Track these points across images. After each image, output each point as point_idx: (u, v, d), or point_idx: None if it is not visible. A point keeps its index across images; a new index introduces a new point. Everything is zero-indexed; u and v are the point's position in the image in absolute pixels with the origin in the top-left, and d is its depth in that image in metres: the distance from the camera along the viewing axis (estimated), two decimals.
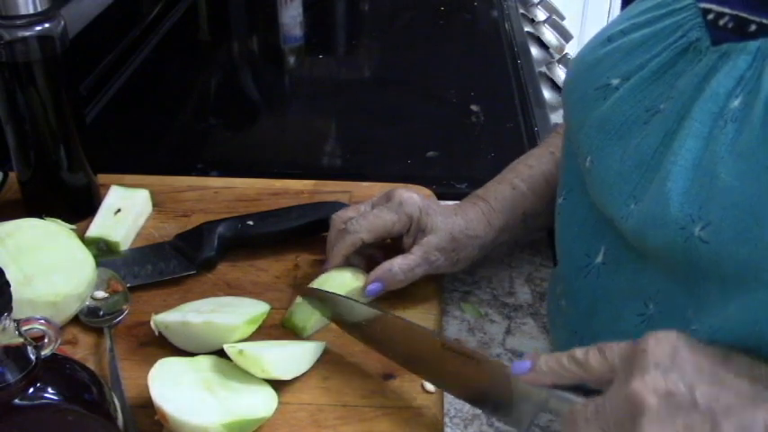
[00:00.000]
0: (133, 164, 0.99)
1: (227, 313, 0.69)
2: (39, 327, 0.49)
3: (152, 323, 0.69)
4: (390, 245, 0.77)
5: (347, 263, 0.76)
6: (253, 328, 0.69)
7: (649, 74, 0.55)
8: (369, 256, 0.77)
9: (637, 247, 0.54)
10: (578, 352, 0.50)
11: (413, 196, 0.75)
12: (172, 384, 0.62)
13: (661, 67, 0.55)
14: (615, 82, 0.57)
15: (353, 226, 0.74)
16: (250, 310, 0.70)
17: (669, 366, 0.45)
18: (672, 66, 0.54)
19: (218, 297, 0.75)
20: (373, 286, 0.73)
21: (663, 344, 0.46)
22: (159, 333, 0.69)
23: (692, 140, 0.50)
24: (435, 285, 0.77)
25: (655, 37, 0.56)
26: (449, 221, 0.74)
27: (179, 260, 0.79)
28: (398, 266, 0.73)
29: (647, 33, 0.56)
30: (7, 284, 0.45)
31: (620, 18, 0.61)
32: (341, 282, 0.73)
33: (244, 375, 0.64)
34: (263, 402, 0.63)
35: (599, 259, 0.60)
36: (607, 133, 0.57)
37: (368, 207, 0.77)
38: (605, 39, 0.60)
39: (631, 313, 0.56)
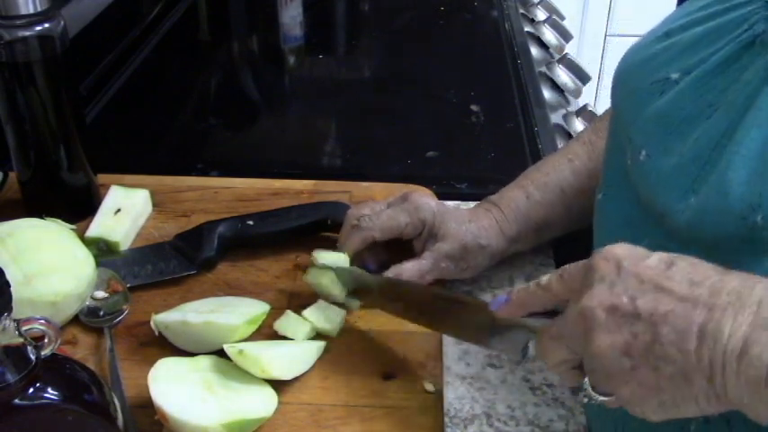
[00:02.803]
0: (133, 164, 0.99)
1: (227, 313, 0.69)
2: (39, 327, 0.49)
3: (152, 323, 0.69)
4: (401, 248, 0.77)
5: (359, 260, 0.76)
6: (253, 328, 0.69)
7: (712, 67, 0.54)
8: (380, 257, 0.77)
9: (688, 242, 0.53)
10: (543, 278, 0.54)
11: (429, 202, 0.76)
12: (172, 384, 0.62)
13: (725, 61, 0.54)
14: (675, 76, 0.56)
15: (367, 223, 0.75)
16: (250, 310, 0.70)
17: (614, 280, 0.48)
18: (737, 59, 0.53)
19: (218, 297, 0.75)
20: None
21: (608, 259, 0.49)
22: (159, 333, 0.69)
23: (757, 130, 0.49)
24: (436, 285, 0.77)
25: (717, 31, 0.55)
26: (462, 229, 0.75)
27: (179, 260, 0.79)
28: (409, 271, 0.74)
29: (709, 27, 0.56)
30: (7, 284, 0.45)
31: (678, 14, 0.60)
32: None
33: (244, 375, 0.64)
34: (262, 402, 0.63)
35: None
36: (666, 127, 0.56)
37: (383, 206, 0.77)
38: (663, 34, 0.59)
39: None
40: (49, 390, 0.48)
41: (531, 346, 0.58)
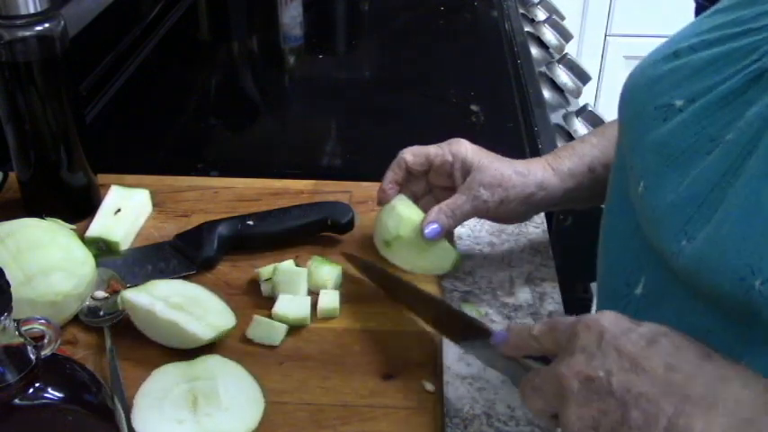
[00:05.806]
0: (133, 164, 0.99)
1: (193, 317, 0.68)
2: (39, 327, 0.49)
3: (118, 299, 0.70)
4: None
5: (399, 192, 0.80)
6: (217, 339, 0.69)
7: (717, 99, 0.51)
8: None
9: (690, 289, 0.51)
10: (536, 329, 0.53)
11: (464, 142, 0.79)
12: (153, 408, 0.62)
13: (731, 93, 0.50)
14: (679, 103, 0.53)
15: (401, 152, 0.80)
16: (217, 322, 0.69)
17: (593, 352, 0.48)
18: (742, 93, 0.50)
19: (191, 284, 0.74)
20: (430, 229, 0.76)
21: (592, 329, 0.49)
22: None
23: (757, 181, 0.46)
24: (435, 286, 0.77)
25: (726, 57, 0.52)
26: (498, 160, 0.76)
27: (179, 260, 0.79)
28: (445, 205, 0.76)
29: (718, 53, 0.52)
30: (7, 284, 0.45)
31: (690, 32, 0.56)
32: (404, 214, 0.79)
33: (238, 383, 0.64)
34: (246, 418, 0.62)
35: (639, 291, 0.57)
36: (665, 158, 0.53)
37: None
38: (671, 53, 0.56)
39: None
40: (49, 390, 0.48)
41: None
